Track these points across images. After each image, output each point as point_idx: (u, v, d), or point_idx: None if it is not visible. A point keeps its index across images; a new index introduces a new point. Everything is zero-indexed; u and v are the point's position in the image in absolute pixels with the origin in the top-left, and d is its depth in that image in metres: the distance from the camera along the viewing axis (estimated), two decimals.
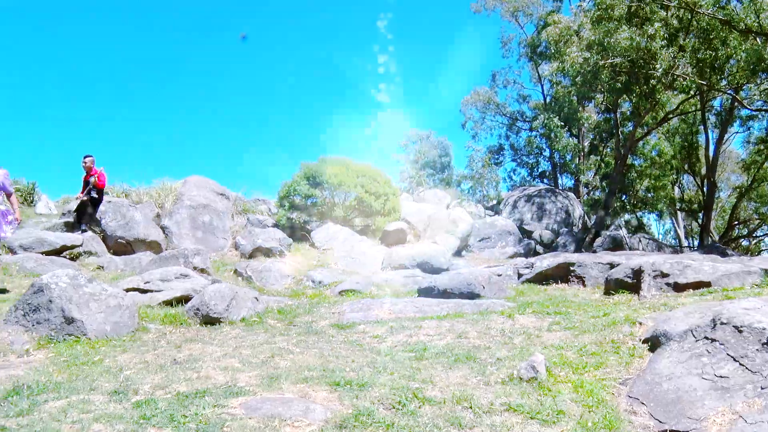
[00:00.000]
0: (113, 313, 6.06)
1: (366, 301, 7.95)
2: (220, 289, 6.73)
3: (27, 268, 9.22)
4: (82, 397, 3.92)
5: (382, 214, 16.45)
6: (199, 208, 13.57)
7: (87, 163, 12.34)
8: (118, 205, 12.65)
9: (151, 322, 6.52)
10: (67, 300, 5.90)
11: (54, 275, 6.12)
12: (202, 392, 3.96)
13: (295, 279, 10.06)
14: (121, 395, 3.94)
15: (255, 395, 3.92)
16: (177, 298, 7.31)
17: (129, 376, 4.47)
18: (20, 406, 3.71)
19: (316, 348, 5.50)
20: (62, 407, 3.69)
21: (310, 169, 15.74)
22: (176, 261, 9.04)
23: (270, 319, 7.00)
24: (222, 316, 6.49)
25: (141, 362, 4.96)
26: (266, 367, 4.69)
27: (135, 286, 7.44)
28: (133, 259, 10.64)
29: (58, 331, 5.80)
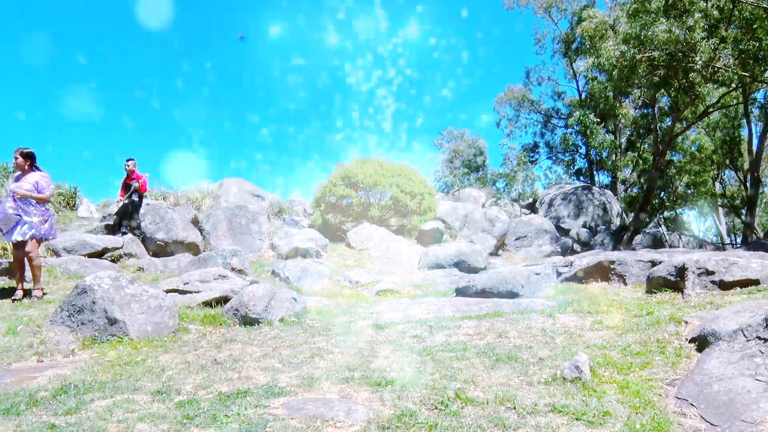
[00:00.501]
0: (154, 313, 6.12)
1: (404, 301, 7.91)
2: (259, 289, 6.76)
3: (71, 270, 9.39)
4: (127, 396, 3.96)
5: (418, 214, 16.41)
6: (236, 209, 13.68)
7: (129, 166, 12.55)
8: (157, 207, 12.81)
9: (191, 322, 6.57)
10: (110, 301, 5.98)
11: (97, 277, 6.21)
12: (244, 392, 3.96)
13: (332, 279, 10.07)
14: (164, 395, 3.97)
15: (296, 395, 3.91)
16: (216, 298, 7.36)
17: (171, 376, 4.50)
18: (68, 404, 3.76)
19: (356, 348, 5.48)
20: (108, 406, 3.73)
21: (345, 170, 15.77)
22: (214, 262, 9.11)
23: (308, 319, 7.00)
24: (261, 317, 6.52)
25: (182, 362, 5.00)
26: (306, 368, 4.68)
27: (175, 288, 7.51)
28: (172, 261, 10.77)
29: (102, 332, 5.88)
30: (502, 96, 33.43)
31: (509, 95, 33.11)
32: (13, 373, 4.87)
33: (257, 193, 15.84)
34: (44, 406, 3.81)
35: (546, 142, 33.64)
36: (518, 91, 33.07)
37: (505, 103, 33.33)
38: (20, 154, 7.58)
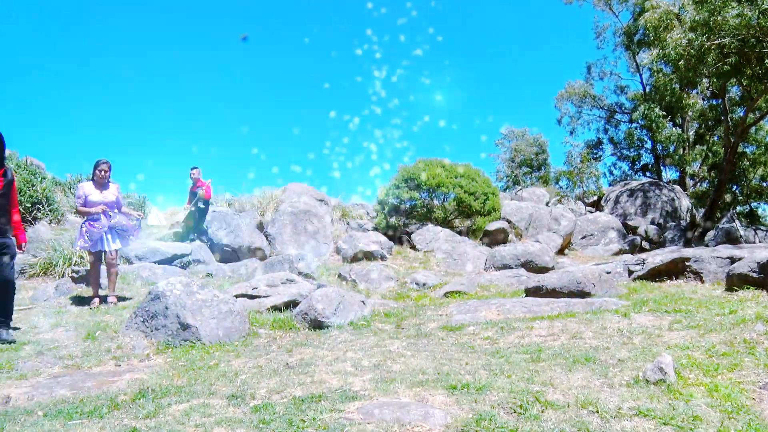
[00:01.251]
0: (225, 318, 6.20)
1: (472, 303, 7.79)
2: (327, 293, 6.77)
3: (143, 277, 9.64)
4: (202, 401, 3.99)
5: (482, 214, 16.23)
6: (300, 214, 13.81)
7: (194, 175, 12.84)
8: (223, 214, 13.05)
9: (261, 327, 6.63)
10: (182, 307, 6.09)
11: (169, 283, 6.33)
12: (318, 396, 3.94)
13: (398, 282, 10.02)
14: (239, 399, 3.99)
15: (371, 399, 3.86)
16: (284, 303, 7.41)
17: (245, 380, 4.53)
18: (147, 408, 3.81)
19: (427, 351, 5.40)
20: (185, 410, 3.76)
21: (407, 172, 15.73)
22: (281, 266, 9.19)
23: (377, 322, 6.97)
24: (330, 320, 6.52)
25: (255, 367, 5.02)
26: (379, 371, 4.63)
27: (244, 292, 7.60)
28: (240, 266, 10.95)
29: (175, 337, 5.99)
30: (562, 93, 32.80)
31: (570, 92, 32.45)
32: (94, 376, 4.98)
33: (320, 197, 15.96)
34: (125, 409, 3.87)
35: (610, 138, 32.86)
36: (579, 87, 32.38)
37: (566, 100, 32.68)
38: (108, 166, 7.86)
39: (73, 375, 5.07)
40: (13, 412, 3.89)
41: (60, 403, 4.08)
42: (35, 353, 5.71)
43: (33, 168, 22.20)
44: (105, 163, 7.89)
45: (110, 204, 7.87)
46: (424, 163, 16.49)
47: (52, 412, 3.84)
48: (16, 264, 9.86)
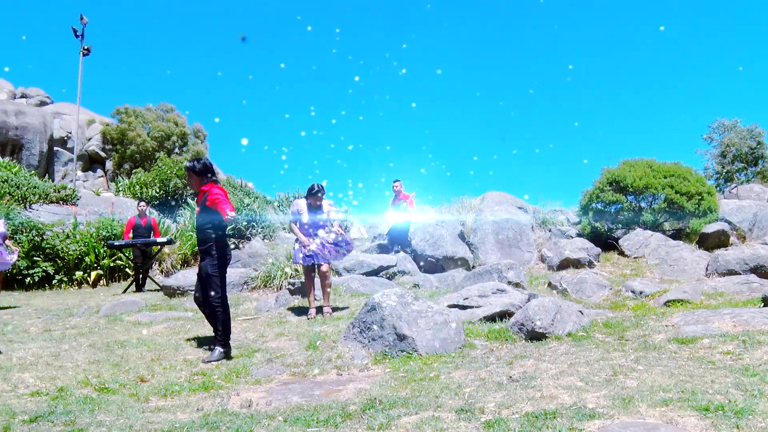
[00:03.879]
0: (440, 329, 6.16)
1: (701, 312, 7.10)
2: (544, 303, 6.50)
3: (352, 288, 9.99)
4: (431, 413, 3.94)
5: (697, 216, 14.89)
6: (501, 222, 13.60)
7: (397, 187, 13.17)
8: (426, 225, 13.22)
9: (476, 338, 6.51)
10: (397, 317, 6.14)
11: (384, 294, 6.43)
12: (552, 413, 3.72)
13: (612, 290, 9.46)
14: (468, 413, 3.88)
15: (612, 418, 3.57)
16: (496, 313, 7.25)
17: (470, 393, 4.42)
18: (378, 419, 3.83)
19: (661, 365, 4.95)
20: (416, 423, 3.73)
21: (611, 174, 14.89)
22: (489, 276, 9.04)
23: (597, 333, 6.57)
24: (547, 331, 6.25)
25: (477, 379, 4.91)
26: (613, 387, 4.30)
27: (455, 303, 7.54)
28: (447, 277, 10.99)
29: (391, 348, 6.05)
30: None
31: None
32: (320, 385, 5.16)
33: (519, 204, 15.62)
34: (356, 419, 3.93)
35: None
36: None
37: None
38: (321, 192, 8.26)
39: (301, 383, 5.29)
40: (257, 415, 4.11)
41: (296, 409, 4.24)
42: (265, 360, 6.06)
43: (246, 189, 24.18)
44: (319, 191, 8.26)
45: (322, 220, 8.23)
46: (629, 165, 15.52)
47: (291, 418, 3.99)
48: (241, 276, 10.71)
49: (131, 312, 9.16)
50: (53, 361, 6.07)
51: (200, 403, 4.61)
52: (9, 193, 17.70)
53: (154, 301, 10.35)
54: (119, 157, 31.27)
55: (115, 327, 8.10)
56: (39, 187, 19.30)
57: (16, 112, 27.68)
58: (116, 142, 31.45)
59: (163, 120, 32.82)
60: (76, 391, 5.01)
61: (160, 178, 23.36)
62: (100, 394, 4.93)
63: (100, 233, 14.96)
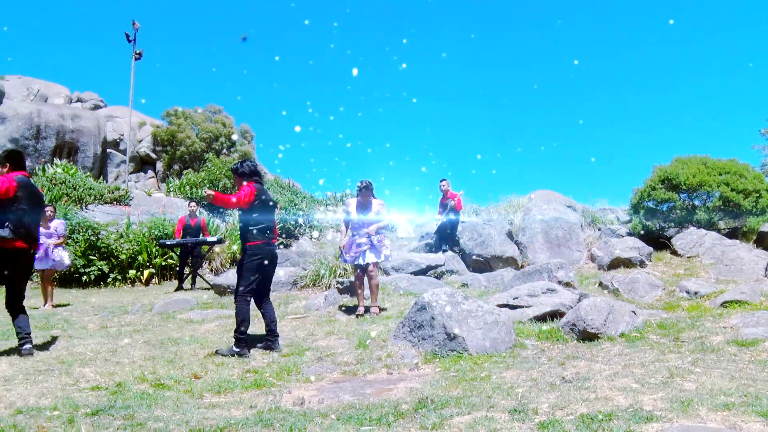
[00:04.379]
0: (491, 329, 6.12)
1: (761, 314, 6.89)
2: (596, 302, 6.40)
3: (401, 288, 9.99)
4: (484, 414, 3.91)
5: (754, 214, 14.45)
6: (550, 221, 13.44)
7: (444, 186, 13.13)
8: (473, 224, 13.15)
9: (527, 338, 6.45)
10: (447, 317, 6.12)
11: (434, 294, 6.42)
12: (608, 415, 3.65)
13: (665, 290, 9.24)
14: (521, 414, 3.84)
15: (670, 422, 3.48)
16: (546, 313, 7.17)
17: (522, 394, 4.37)
18: (431, 419, 3.82)
19: (720, 368, 4.83)
20: (469, 423, 3.71)
21: (663, 172, 14.55)
22: (539, 276, 8.94)
23: (651, 334, 6.44)
24: (600, 332, 6.14)
25: (528, 379, 4.86)
26: (670, 389, 4.21)
27: (504, 302, 7.48)
28: (495, 276, 10.90)
29: (441, 347, 6.03)
30: None
31: None
32: (371, 384, 5.17)
33: (568, 203, 15.41)
34: (409, 418, 3.92)
35: None
36: None
37: None
38: (368, 187, 8.27)
39: (351, 381, 5.31)
40: (309, 413, 4.14)
41: (348, 408, 4.26)
42: (316, 359, 6.10)
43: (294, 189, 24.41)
44: (364, 187, 8.28)
45: (369, 222, 8.24)
46: (681, 162, 15.14)
47: (344, 416, 4.01)
48: (290, 275, 10.82)
49: (183, 310, 9.34)
50: (111, 356, 6.22)
51: (253, 400, 4.67)
52: (66, 194, 18.25)
53: (205, 299, 10.53)
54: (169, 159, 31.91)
55: (168, 324, 8.27)
56: (94, 188, 19.84)
57: (72, 116, 28.50)
58: (166, 144, 32.11)
59: (211, 121, 33.37)
60: (134, 386, 5.12)
61: (209, 178, 23.75)
62: (156, 390, 5.03)
63: (152, 233, 15.29)
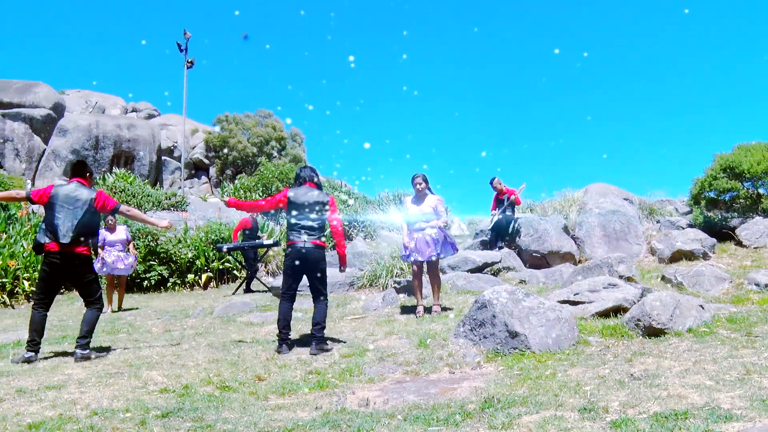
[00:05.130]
0: (553, 326, 6.01)
1: None
2: (661, 297, 6.22)
3: (458, 286, 9.92)
4: (552, 413, 3.84)
5: None
6: (608, 215, 13.16)
7: (495, 185, 13.03)
8: (529, 220, 12.98)
9: (590, 334, 6.31)
10: (509, 314, 6.04)
11: (494, 291, 6.35)
12: (683, 414, 3.54)
13: (732, 283, 8.92)
14: (591, 412, 3.76)
15: (752, 421, 3.35)
16: (609, 308, 7.00)
17: (590, 392, 4.28)
18: (498, 418, 3.77)
19: None
20: (538, 422, 3.64)
21: (725, 160, 14.10)
22: (599, 270, 8.76)
23: (720, 329, 6.22)
24: (666, 327, 5.97)
25: (595, 377, 4.75)
26: (747, 387, 4.05)
27: (565, 299, 7.35)
28: (554, 272, 10.73)
29: (503, 345, 5.96)
30: None
31: None
32: (434, 383, 5.15)
33: (625, 196, 15.06)
34: (476, 418, 3.88)
35: None
36: None
37: None
38: (423, 179, 8.22)
39: (415, 381, 5.29)
40: (376, 414, 4.14)
41: (414, 408, 4.24)
42: (377, 359, 6.10)
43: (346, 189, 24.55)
44: (418, 176, 8.23)
45: (427, 216, 8.16)
46: (744, 149, 14.63)
47: (410, 416, 4.00)
48: (347, 275, 10.85)
49: (243, 313, 9.48)
50: (176, 359, 6.35)
51: (318, 401, 4.70)
52: (126, 201, 18.77)
53: (264, 302, 10.67)
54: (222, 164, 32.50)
55: (229, 327, 8.40)
56: (152, 195, 20.37)
57: (128, 125, 29.28)
58: (218, 149, 32.71)
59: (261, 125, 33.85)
60: (200, 388, 5.21)
61: (262, 182, 24.09)
62: (222, 392, 5.10)
63: (209, 237, 15.60)
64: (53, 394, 4.99)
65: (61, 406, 4.63)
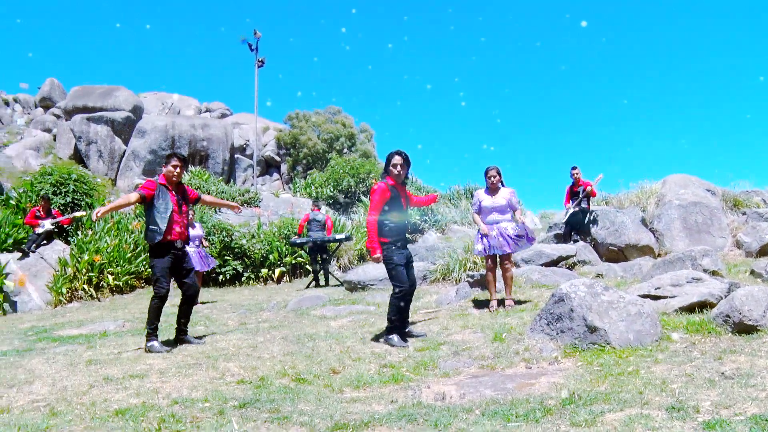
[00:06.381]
0: (634, 321, 5.79)
1: None
2: (753, 292, 5.89)
3: (532, 279, 9.72)
4: (638, 411, 3.68)
5: None
6: (689, 206, 12.64)
7: (576, 174, 12.71)
8: (605, 212, 12.62)
9: (674, 330, 6.04)
10: (587, 309, 5.86)
11: (572, 285, 6.17)
12: None
13: None
14: (681, 412, 3.58)
15: None
16: (693, 304, 6.68)
17: (678, 390, 4.09)
18: (580, 415, 3.64)
19: None
20: (623, 420, 3.50)
21: None
22: (681, 264, 8.40)
23: None
24: (758, 324, 5.64)
25: (682, 375, 4.53)
26: None
27: (645, 293, 7.07)
28: (632, 266, 10.39)
29: (581, 340, 5.78)
30: None
31: None
32: (511, 378, 5.04)
33: (707, 187, 14.42)
34: (557, 414, 3.76)
35: None
36: None
37: None
38: (497, 171, 8.09)
39: (490, 375, 5.20)
40: (453, 408, 4.08)
41: (491, 403, 4.15)
42: (452, 353, 6.03)
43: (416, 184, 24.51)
44: (493, 169, 8.09)
45: (500, 209, 8.01)
46: None
47: (488, 411, 3.91)
48: (420, 269, 10.80)
49: (316, 306, 9.56)
50: (252, 352, 6.44)
51: (393, 395, 4.67)
52: None
53: (337, 295, 10.73)
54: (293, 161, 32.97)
55: (302, 321, 8.48)
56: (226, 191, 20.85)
57: (202, 125, 30.07)
58: (289, 147, 33.19)
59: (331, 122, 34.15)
60: (276, 380, 5.27)
61: (333, 177, 24.31)
62: (297, 384, 5.15)
63: (282, 232, 15.83)
64: (137, 383, 5.15)
65: (144, 395, 4.77)
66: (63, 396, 4.84)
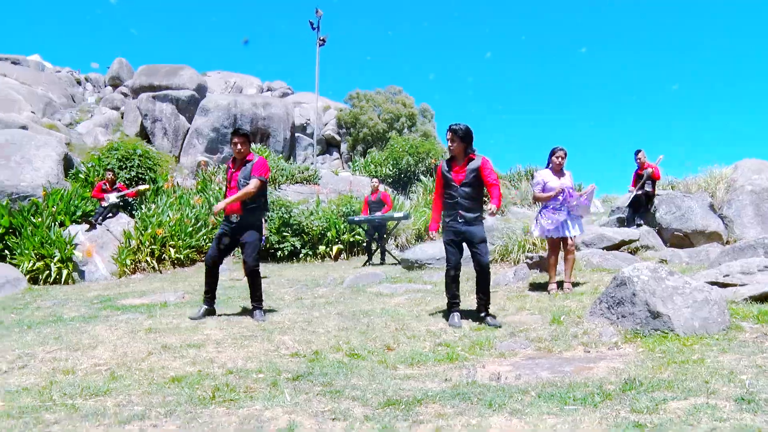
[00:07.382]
0: (700, 308, 5.57)
1: None
2: None
3: (593, 263, 9.50)
4: (703, 400, 3.52)
5: None
6: (762, 193, 12.10)
7: (640, 158, 12.35)
8: (671, 197, 12.19)
9: (743, 319, 5.79)
10: (651, 293, 5.66)
11: (635, 268, 5.98)
12: None
13: None
14: (751, 404, 3.40)
15: None
16: (765, 293, 6.40)
17: (748, 381, 3.90)
18: (641, 402, 3.52)
19: None
20: (687, 410, 3.36)
21: None
22: (753, 251, 8.05)
23: None
24: None
25: (752, 366, 4.32)
26: None
27: (713, 280, 6.81)
28: (699, 252, 10.03)
29: (643, 325, 5.60)
30: None
31: None
32: (569, 361, 4.92)
33: None
34: (617, 400, 3.64)
35: None
36: None
37: None
38: (565, 153, 7.92)
39: (547, 358, 5.09)
40: (507, 389, 4.00)
41: (548, 385, 4.06)
42: (508, 334, 5.93)
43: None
44: (561, 150, 7.91)
45: (570, 192, 7.83)
46: None
47: (544, 394, 3.82)
48: None
49: (372, 284, 9.57)
50: (306, 326, 6.49)
51: (447, 373, 4.62)
52: None
53: (394, 273, 10.73)
54: (353, 140, 33.02)
55: (358, 297, 8.50)
56: (286, 169, 21.04)
57: (264, 104, 30.36)
58: (349, 126, 33.23)
59: (391, 102, 33.99)
60: (330, 355, 5.29)
61: (392, 156, 24.24)
62: (351, 359, 5.15)
63: (340, 210, 15.89)
64: (194, 352, 5.25)
65: (200, 363, 4.86)
66: (123, 361, 4.99)
